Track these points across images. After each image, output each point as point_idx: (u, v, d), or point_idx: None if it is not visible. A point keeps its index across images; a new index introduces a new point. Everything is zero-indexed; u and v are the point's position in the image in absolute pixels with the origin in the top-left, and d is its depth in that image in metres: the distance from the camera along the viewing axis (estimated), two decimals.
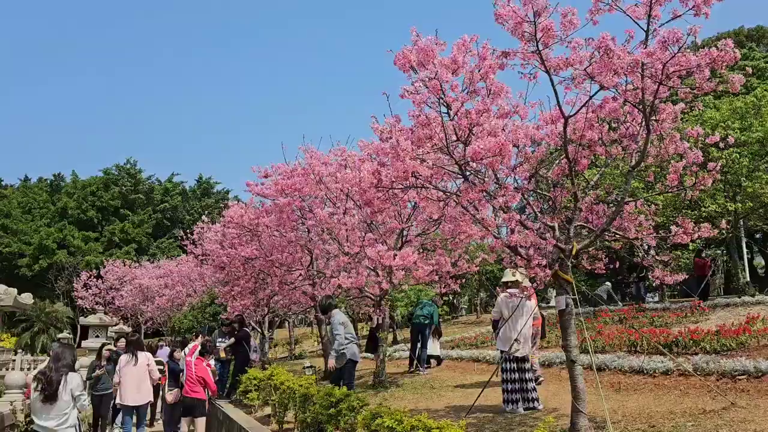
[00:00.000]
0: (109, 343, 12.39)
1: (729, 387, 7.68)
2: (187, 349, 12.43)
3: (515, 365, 8.37)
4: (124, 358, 10.38)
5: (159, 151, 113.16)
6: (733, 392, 7.44)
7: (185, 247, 29.62)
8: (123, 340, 13.30)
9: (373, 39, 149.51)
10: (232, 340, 13.67)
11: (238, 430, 9.80)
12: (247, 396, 10.98)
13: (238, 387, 11.79)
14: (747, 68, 7.09)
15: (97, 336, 26.00)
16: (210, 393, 10.62)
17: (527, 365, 8.47)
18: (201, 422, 10.13)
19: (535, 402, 8.27)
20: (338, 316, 10.03)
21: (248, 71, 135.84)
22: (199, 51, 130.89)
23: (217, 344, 13.75)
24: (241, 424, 9.69)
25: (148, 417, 11.55)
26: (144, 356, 10.48)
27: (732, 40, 5.63)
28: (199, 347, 10.83)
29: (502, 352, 8.63)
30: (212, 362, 10.90)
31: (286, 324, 29.29)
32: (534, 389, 8.37)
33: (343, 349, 9.70)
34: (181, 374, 11.60)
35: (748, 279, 21.51)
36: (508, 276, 8.66)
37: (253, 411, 11.04)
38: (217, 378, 12.83)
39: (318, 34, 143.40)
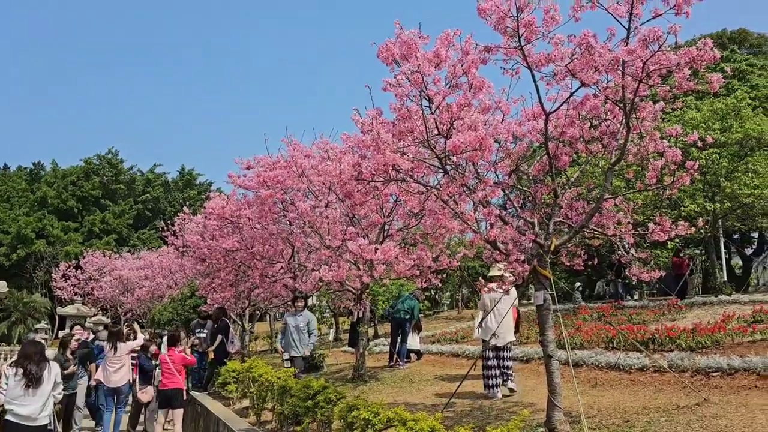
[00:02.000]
0: (72, 334, 11.93)
1: (703, 383, 7.79)
2: (164, 347, 12.36)
3: (495, 353, 8.93)
4: (106, 346, 11.23)
5: (141, 141, 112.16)
6: (706, 388, 7.55)
7: (166, 239, 29.37)
8: (78, 327, 13.51)
9: (358, 31, 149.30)
10: (220, 337, 13.54)
11: (216, 422, 9.76)
12: (226, 388, 10.95)
13: (216, 379, 11.74)
14: (726, 68, 7.18)
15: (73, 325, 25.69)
16: (189, 364, 10.95)
17: (506, 354, 9.04)
18: (179, 414, 10.06)
19: (510, 379, 8.93)
20: (312, 315, 11.74)
21: (232, 63, 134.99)
22: (183, 43, 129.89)
23: (197, 333, 13.68)
24: (219, 417, 9.67)
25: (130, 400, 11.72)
26: (124, 346, 11.12)
27: (714, 42, 5.68)
28: (167, 340, 11.02)
29: (483, 341, 9.12)
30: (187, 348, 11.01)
31: (267, 317, 29.19)
32: (511, 371, 9.05)
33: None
34: (153, 371, 11.51)
35: (726, 278, 21.78)
36: (494, 271, 8.93)
37: (232, 403, 11.00)
38: (195, 367, 12.89)
39: (304, 25, 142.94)
